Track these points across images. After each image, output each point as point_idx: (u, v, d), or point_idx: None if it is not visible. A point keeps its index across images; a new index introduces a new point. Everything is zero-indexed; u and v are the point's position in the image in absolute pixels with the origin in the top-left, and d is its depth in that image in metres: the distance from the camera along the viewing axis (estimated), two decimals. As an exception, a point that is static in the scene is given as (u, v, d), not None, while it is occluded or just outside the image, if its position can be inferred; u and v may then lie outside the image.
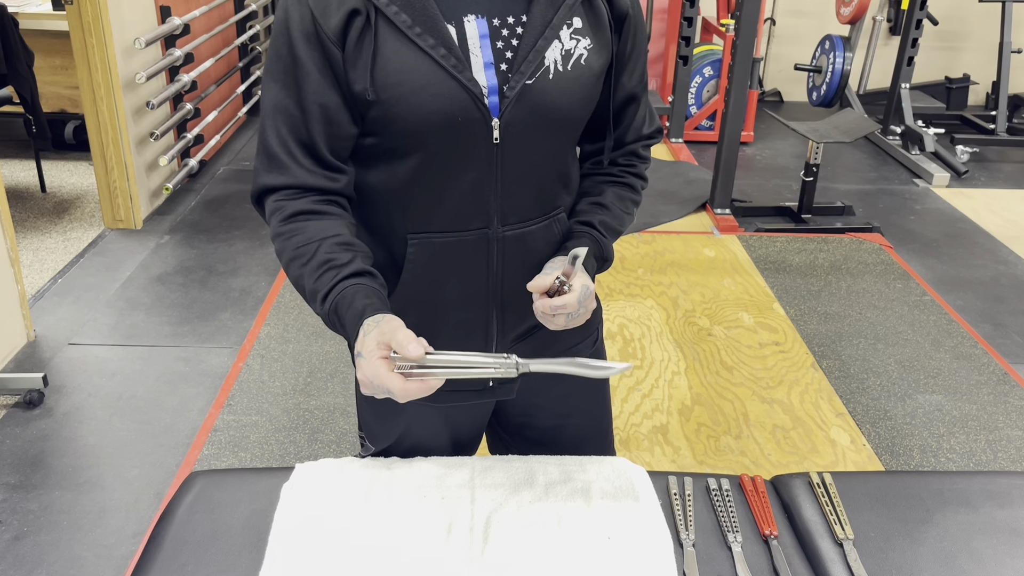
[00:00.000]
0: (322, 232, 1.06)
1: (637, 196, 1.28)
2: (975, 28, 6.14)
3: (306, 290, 1.06)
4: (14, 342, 2.91)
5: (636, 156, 1.27)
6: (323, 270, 1.04)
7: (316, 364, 2.86)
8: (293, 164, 1.07)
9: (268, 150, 1.08)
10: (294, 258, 1.06)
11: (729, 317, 3.23)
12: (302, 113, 1.05)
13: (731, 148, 3.98)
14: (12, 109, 4.13)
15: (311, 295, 1.05)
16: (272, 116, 1.07)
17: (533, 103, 1.06)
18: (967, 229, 4.20)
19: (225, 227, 3.92)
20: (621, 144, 1.26)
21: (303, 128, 1.06)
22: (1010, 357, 3.07)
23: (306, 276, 1.05)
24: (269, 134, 1.08)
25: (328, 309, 1.03)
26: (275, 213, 1.08)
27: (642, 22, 1.18)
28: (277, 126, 1.07)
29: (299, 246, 1.06)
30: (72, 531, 2.15)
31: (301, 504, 1.18)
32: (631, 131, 1.25)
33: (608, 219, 1.22)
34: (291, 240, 1.06)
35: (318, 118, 1.05)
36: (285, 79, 1.05)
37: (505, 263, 1.15)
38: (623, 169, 1.26)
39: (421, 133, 1.04)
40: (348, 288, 1.02)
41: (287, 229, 1.07)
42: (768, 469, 2.42)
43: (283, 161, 1.07)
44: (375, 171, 1.11)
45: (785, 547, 1.19)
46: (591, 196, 1.23)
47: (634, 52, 1.18)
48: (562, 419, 1.37)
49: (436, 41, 1.02)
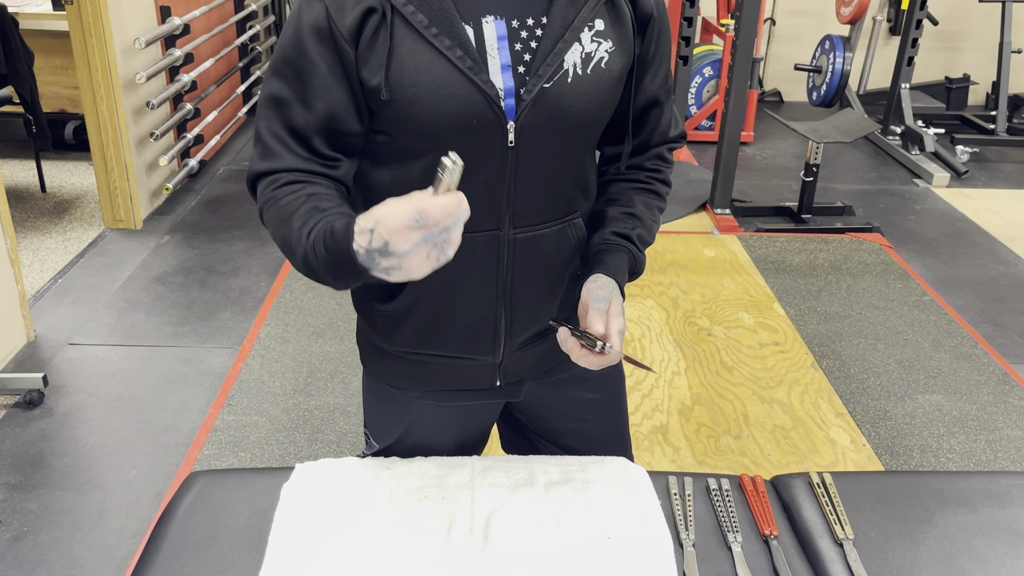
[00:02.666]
0: (312, 190, 1.03)
1: (663, 203, 1.26)
2: (975, 28, 6.14)
3: (292, 242, 1.00)
4: (14, 342, 2.91)
5: (662, 160, 1.25)
6: (311, 214, 0.99)
7: (316, 364, 2.86)
8: (287, 152, 1.05)
9: (262, 140, 1.07)
10: (283, 217, 1.02)
11: (729, 317, 3.23)
12: (303, 107, 1.04)
13: (731, 148, 3.98)
14: (12, 109, 4.13)
15: (296, 240, 0.99)
16: (270, 107, 1.06)
17: (550, 107, 1.05)
18: (967, 229, 4.20)
19: (225, 227, 3.92)
20: (647, 147, 1.24)
21: (300, 120, 1.05)
22: (1010, 357, 3.07)
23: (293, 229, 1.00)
24: (263, 124, 1.06)
25: (312, 240, 0.97)
26: (267, 187, 1.06)
27: (667, 24, 1.16)
28: (272, 115, 1.06)
29: (288, 203, 1.02)
30: (72, 531, 2.15)
31: (301, 504, 1.18)
32: (656, 134, 1.23)
33: (643, 232, 1.20)
34: (280, 200, 1.03)
35: (320, 114, 1.04)
36: (289, 73, 1.04)
37: (516, 265, 1.14)
38: (650, 175, 1.24)
39: (435, 134, 1.03)
40: (327, 218, 0.97)
41: (277, 193, 1.04)
42: (768, 469, 2.42)
43: (277, 150, 1.06)
44: (387, 169, 1.10)
45: (785, 547, 1.19)
46: (621, 205, 1.21)
47: (657, 55, 1.16)
48: (580, 423, 1.37)
49: (453, 42, 1.01)
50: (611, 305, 1.08)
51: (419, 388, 1.26)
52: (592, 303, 1.07)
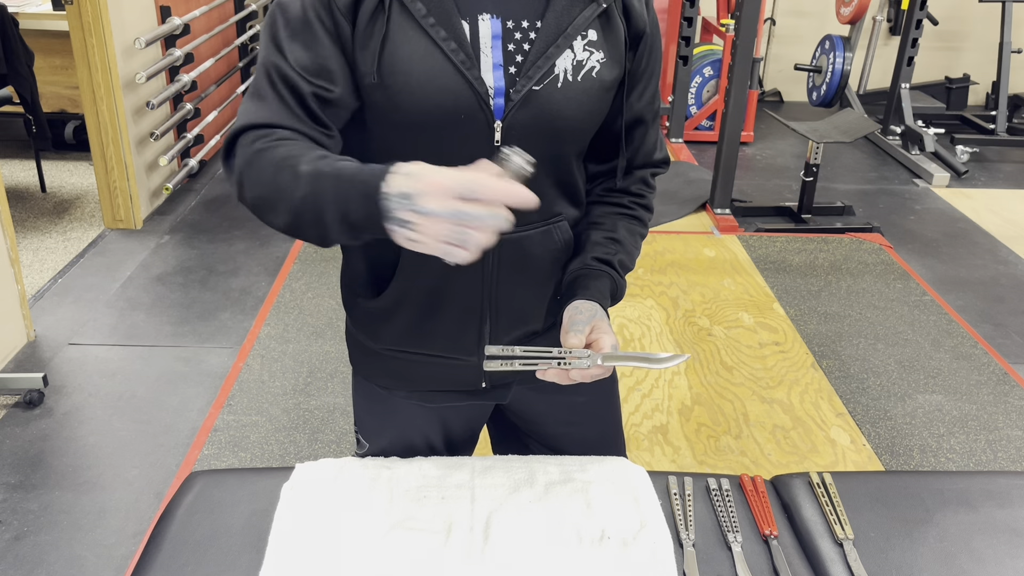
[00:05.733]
0: (310, 146, 0.99)
1: (645, 231, 1.26)
2: (975, 28, 6.14)
3: (292, 178, 0.93)
4: (14, 342, 2.91)
5: (646, 185, 1.25)
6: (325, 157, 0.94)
7: (316, 364, 2.86)
8: (283, 108, 1.00)
9: (259, 92, 1.02)
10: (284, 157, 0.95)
11: (729, 317, 3.23)
12: (303, 68, 1.00)
13: (731, 148, 3.98)
14: (12, 109, 4.13)
15: (299, 176, 0.92)
16: (269, 71, 1.01)
17: (538, 109, 1.05)
18: (967, 229, 4.20)
19: (225, 227, 3.92)
20: (631, 168, 1.23)
21: (304, 87, 1.00)
22: (1010, 357, 3.07)
23: (302, 162, 0.93)
24: (262, 85, 1.02)
25: (330, 168, 0.91)
26: (260, 138, 0.98)
27: (659, 44, 1.16)
28: (273, 80, 1.01)
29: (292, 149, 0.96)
30: (72, 531, 2.15)
31: (301, 504, 1.18)
32: (641, 154, 1.22)
33: (624, 257, 1.20)
34: (281, 147, 0.97)
35: (319, 75, 1.00)
36: (292, 36, 1.00)
37: (500, 266, 1.14)
38: (633, 200, 1.24)
39: (422, 125, 1.03)
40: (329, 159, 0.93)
41: (276, 143, 0.97)
42: (768, 469, 2.42)
43: (273, 105, 1.01)
44: (373, 161, 1.10)
45: (785, 547, 1.19)
46: (604, 229, 1.20)
47: (646, 73, 1.16)
48: (571, 426, 1.37)
49: (448, 35, 1.01)
50: (595, 323, 1.07)
51: (405, 388, 1.26)
52: (572, 327, 1.07)
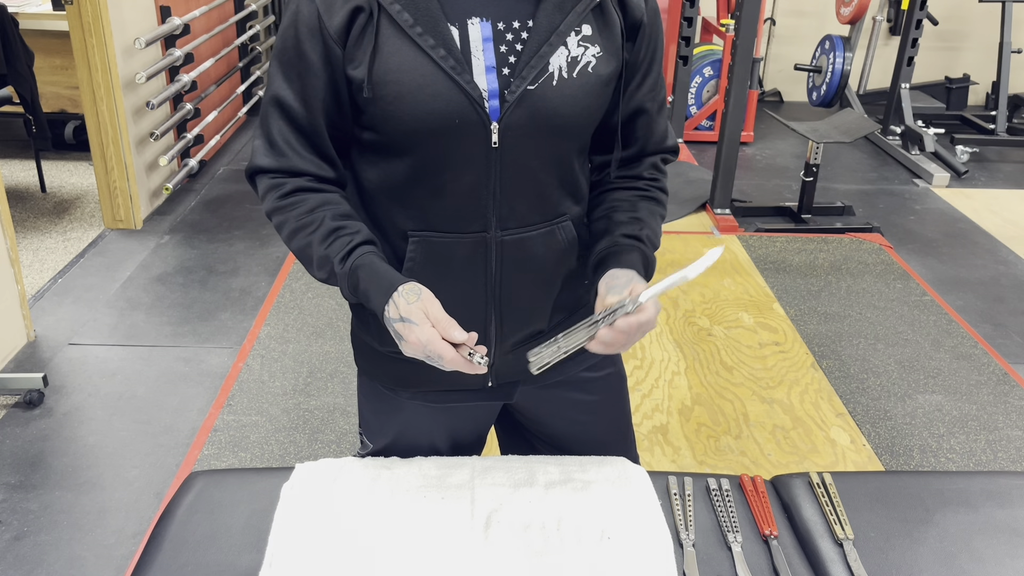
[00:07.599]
0: (324, 202, 1.10)
1: (664, 211, 1.25)
2: (975, 28, 6.14)
3: (314, 257, 1.08)
4: (14, 342, 2.91)
5: (658, 170, 1.24)
6: (335, 237, 1.07)
7: (316, 364, 2.86)
8: (290, 151, 1.10)
9: (268, 136, 1.11)
10: (300, 227, 1.09)
11: (729, 317, 3.23)
12: (304, 107, 1.08)
13: (731, 148, 3.98)
14: (12, 109, 4.13)
15: (321, 261, 1.08)
16: (274, 105, 1.10)
17: (534, 109, 1.05)
18: (967, 229, 4.20)
19: (225, 227, 3.92)
20: (643, 155, 1.23)
21: (304, 120, 1.09)
22: (1010, 357, 3.07)
23: (315, 244, 1.08)
24: (271, 122, 1.11)
25: (347, 270, 1.06)
26: (272, 190, 1.11)
27: (659, 33, 1.15)
28: (278, 115, 1.10)
29: (304, 215, 1.09)
30: (72, 531, 2.15)
31: (301, 504, 1.18)
32: (651, 143, 1.22)
33: (650, 233, 1.20)
34: (293, 211, 1.09)
35: (319, 111, 1.08)
36: (290, 72, 1.08)
37: (504, 267, 1.14)
38: (649, 183, 1.24)
39: (418, 132, 1.05)
40: (366, 254, 1.06)
41: (288, 203, 1.10)
42: (768, 469, 2.42)
43: (281, 148, 1.10)
44: (375, 168, 1.12)
45: (785, 547, 1.19)
46: (625, 210, 1.20)
47: (644, 62, 1.15)
48: (579, 425, 1.36)
49: (436, 42, 1.02)
50: (633, 286, 1.08)
51: (410, 388, 1.26)
52: (610, 291, 1.08)
